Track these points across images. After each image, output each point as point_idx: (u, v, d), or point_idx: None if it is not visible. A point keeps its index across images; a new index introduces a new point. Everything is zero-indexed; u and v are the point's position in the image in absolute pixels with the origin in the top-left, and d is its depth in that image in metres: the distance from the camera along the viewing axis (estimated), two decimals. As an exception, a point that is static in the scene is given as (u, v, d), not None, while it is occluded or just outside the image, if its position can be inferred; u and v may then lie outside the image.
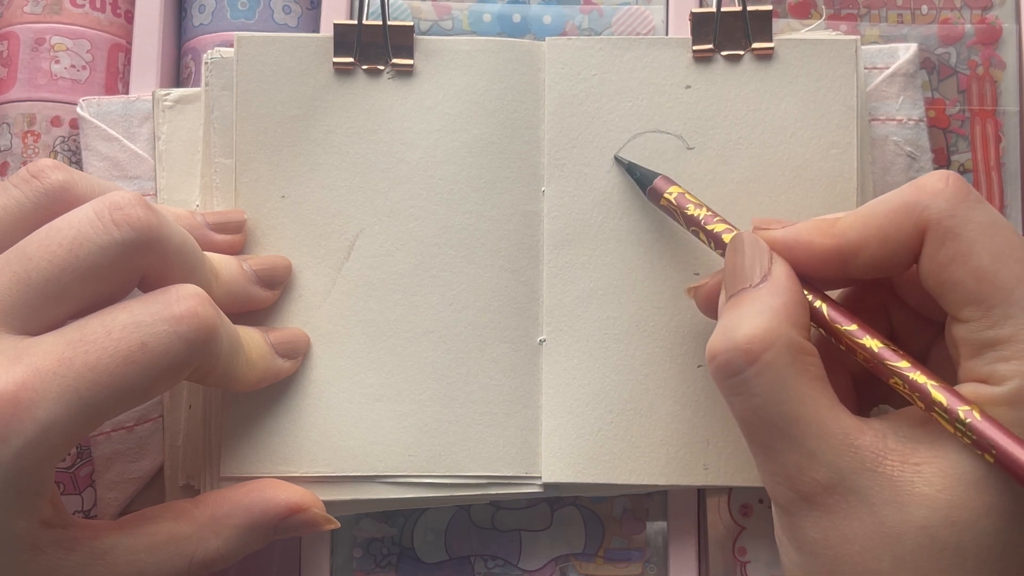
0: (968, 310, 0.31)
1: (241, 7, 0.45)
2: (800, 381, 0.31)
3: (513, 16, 0.45)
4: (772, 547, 0.41)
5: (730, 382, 0.32)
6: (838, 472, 0.30)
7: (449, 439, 0.39)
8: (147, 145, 0.42)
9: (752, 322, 0.31)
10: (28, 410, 0.30)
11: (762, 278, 0.32)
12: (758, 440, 0.32)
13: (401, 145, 0.40)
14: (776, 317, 0.31)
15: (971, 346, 0.31)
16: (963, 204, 0.31)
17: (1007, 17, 0.44)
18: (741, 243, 0.34)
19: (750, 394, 0.31)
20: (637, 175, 0.39)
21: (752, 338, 0.31)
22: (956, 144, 0.44)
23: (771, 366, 0.31)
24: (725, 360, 0.31)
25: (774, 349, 0.31)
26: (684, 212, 0.37)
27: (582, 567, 0.42)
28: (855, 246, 0.32)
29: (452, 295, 0.40)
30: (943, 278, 0.31)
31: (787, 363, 0.31)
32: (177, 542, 0.35)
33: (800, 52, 0.40)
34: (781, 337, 0.31)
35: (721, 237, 0.36)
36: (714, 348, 0.32)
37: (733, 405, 0.32)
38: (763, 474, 0.32)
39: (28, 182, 0.34)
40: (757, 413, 0.31)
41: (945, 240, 0.31)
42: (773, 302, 0.32)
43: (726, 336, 0.32)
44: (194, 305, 0.32)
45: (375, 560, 0.42)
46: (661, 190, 0.38)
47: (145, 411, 0.40)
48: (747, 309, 0.32)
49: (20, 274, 0.31)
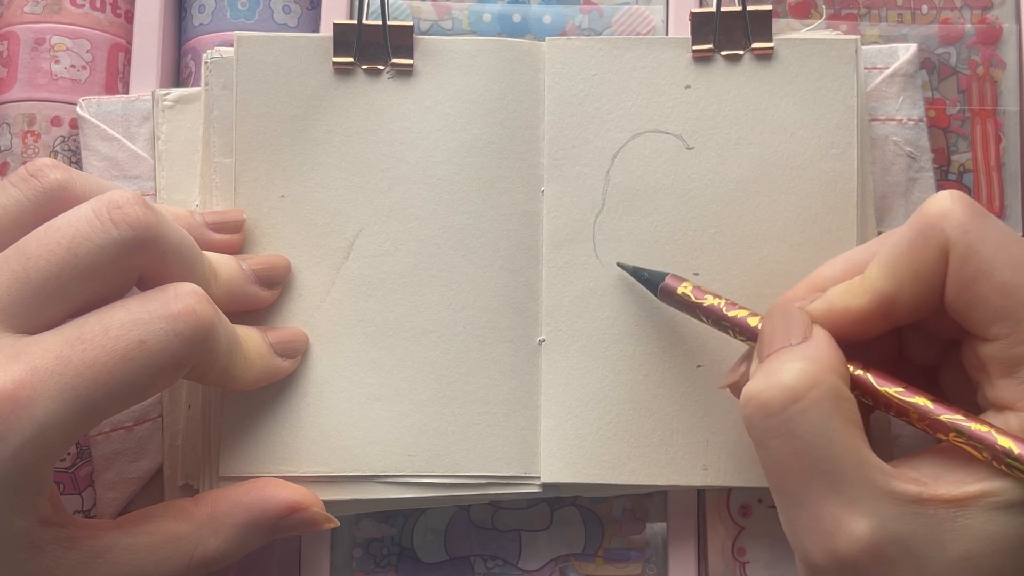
0: (996, 327, 0.30)
1: (241, 7, 0.45)
2: (843, 426, 0.30)
3: (513, 16, 0.45)
4: (772, 547, 0.41)
5: (770, 423, 0.30)
6: (879, 521, 0.29)
7: (448, 439, 0.39)
8: (147, 145, 0.42)
9: (797, 365, 0.31)
10: (26, 408, 0.30)
11: (803, 339, 0.32)
12: (793, 488, 0.31)
13: (401, 145, 0.40)
14: (821, 363, 0.31)
15: (1002, 364, 0.31)
16: (975, 220, 0.31)
17: (1007, 17, 0.44)
18: (778, 312, 0.33)
19: (791, 435, 0.30)
20: (645, 276, 0.39)
21: (798, 378, 0.30)
22: (956, 144, 0.44)
23: (816, 405, 0.30)
24: (767, 399, 0.30)
25: (819, 389, 0.30)
26: (701, 305, 0.36)
27: (582, 567, 0.42)
28: (891, 295, 0.32)
29: (451, 295, 0.40)
30: (968, 297, 0.31)
31: (832, 406, 0.30)
32: (176, 541, 0.35)
33: (800, 52, 0.40)
34: (826, 380, 0.30)
35: (746, 321, 0.35)
36: (753, 389, 0.31)
37: (770, 450, 0.31)
38: (794, 531, 0.31)
39: (27, 181, 0.34)
40: (797, 457, 0.30)
41: (967, 257, 0.30)
42: (817, 353, 0.31)
43: (768, 377, 0.31)
44: (192, 303, 0.32)
45: (375, 560, 0.42)
46: (674, 287, 0.37)
47: (144, 411, 0.41)
48: (790, 355, 0.31)
49: (19, 273, 0.31)
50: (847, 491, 0.30)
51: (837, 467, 0.30)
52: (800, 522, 0.31)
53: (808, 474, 0.30)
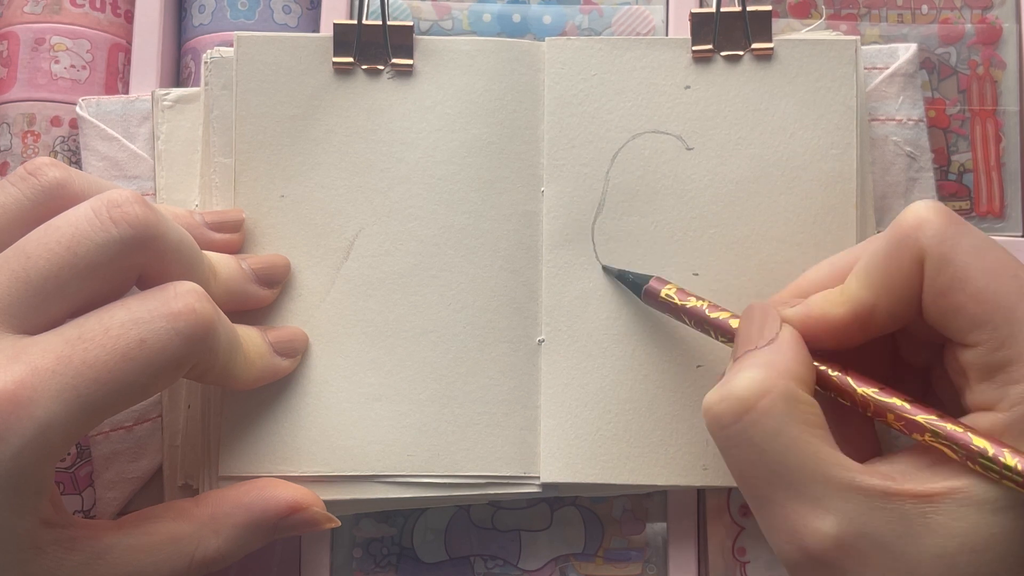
0: (974, 334, 0.31)
1: (241, 7, 0.45)
2: (798, 428, 0.30)
3: (513, 16, 0.45)
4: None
5: (726, 433, 0.31)
6: (845, 516, 0.30)
7: (448, 439, 0.39)
8: (146, 145, 0.42)
9: (748, 374, 0.31)
10: (27, 409, 0.30)
11: (768, 341, 0.32)
12: (759, 493, 0.31)
13: (400, 145, 0.40)
14: (773, 369, 0.31)
15: (980, 371, 0.31)
16: (950, 228, 0.31)
17: (1007, 17, 0.44)
18: (752, 312, 0.34)
19: (748, 444, 0.31)
20: (630, 279, 0.39)
21: (748, 387, 0.31)
22: (956, 144, 0.44)
23: (768, 414, 0.30)
24: (720, 411, 0.31)
25: (769, 396, 0.30)
26: (684, 307, 0.37)
27: (582, 567, 0.42)
28: (869, 305, 0.32)
29: (451, 295, 0.40)
30: (944, 306, 0.31)
31: (784, 411, 0.30)
32: (177, 541, 0.35)
33: (800, 52, 0.40)
34: (776, 387, 0.31)
35: (728, 324, 0.35)
36: (709, 401, 0.32)
37: (731, 459, 0.32)
38: (768, 533, 0.32)
39: (25, 180, 0.34)
40: (756, 465, 0.31)
41: (941, 267, 0.31)
42: (772, 358, 0.32)
43: (723, 388, 0.31)
44: (192, 302, 0.32)
45: (375, 560, 0.42)
46: (657, 290, 0.38)
47: (144, 411, 0.41)
48: (747, 363, 0.32)
49: (19, 272, 0.31)
50: (809, 491, 0.30)
51: (795, 471, 0.30)
52: (770, 522, 0.31)
53: (768, 479, 0.31)
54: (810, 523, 0.30)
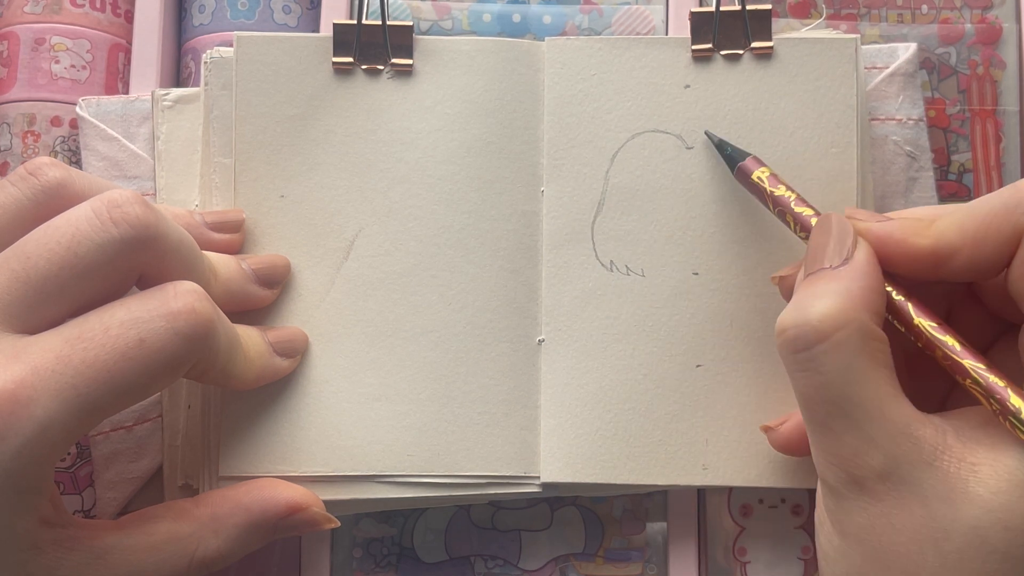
0: None
1: (241, 7, 0.45)
2: (867, 365, 0.31)
3: (513, 16, 0.45)
4: (772, 547, 0.41)
5: (797, 357, 0.32)
6: (894, 460, 0.30)
7: (448, 439, 0.39)
8: (146, 145, 0.42)
9: (827, 301, 0.31)
10: (27, 408, 0.30)
11: (843, 261, 0.32)
12: (817, 418, 0.32)
13: (400, 145, 0.40)
14: (851, 300, 0.31)
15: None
16: None
17: (1007, 17, 0.44)
18: (829, 224, 0.34)
19: (816, 371, 0.31)
20: (728, 152, 0.39)
21: (825, 317, 0.31)
22: (956, 144, 0.44)
23: (840, 347, 0.31)
24: (795, 335, 0.31)
25: (845, 330, 0.31)
26: (772, 194, 0.37)
27: (582, 567, 0.42)
28: (952, 248, 0.32)
29: (451, 295, 0.40)
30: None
31: (857, 346, 0.31)
32: (177, 541, 0.35)
33: (800, 51, 0.40)
34: (854, 320, 0.31)
35: (809, 221, 0.35)
36: (784, 322, 0.32)
37: (796, 380, 0.32)
38: (816, 452, 0.32)
39: (25, 180, 0.34)
40: (820, 391, 0.31)
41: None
42: (851, 285, 0.32)
43: (799, 312, 0.32)
44: (191, 301, 0.32)
45: (375, 560, 0.42)
46: (751, 170, 0.38)
47: (144, 411, 0.41)
48: (823, 287, 0.32)
49: (19, 272, 0.31)
50: (865, 428, 0.30)
51: (856, 406, 0.31)
52: (822, 446, 0.32)
53: (828, 407, 0.31)
54: (861, 455, 0.31)
